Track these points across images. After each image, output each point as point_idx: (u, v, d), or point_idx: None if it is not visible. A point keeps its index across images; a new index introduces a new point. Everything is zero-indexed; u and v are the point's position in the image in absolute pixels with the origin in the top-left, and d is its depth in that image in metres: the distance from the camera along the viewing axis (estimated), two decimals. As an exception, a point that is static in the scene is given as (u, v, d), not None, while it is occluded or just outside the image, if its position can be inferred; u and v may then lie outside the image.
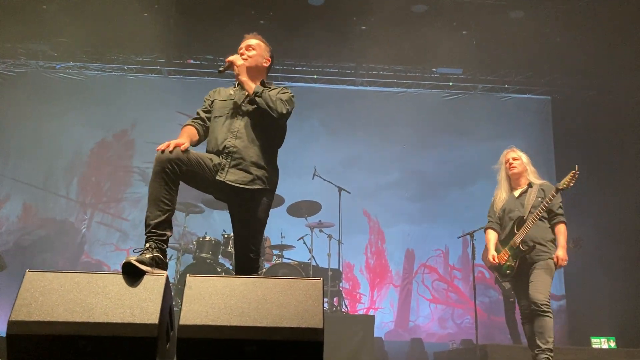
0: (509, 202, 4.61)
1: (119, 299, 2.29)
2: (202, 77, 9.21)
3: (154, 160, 2.78)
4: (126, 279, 2.35)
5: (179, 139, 2.91)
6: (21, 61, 8.96)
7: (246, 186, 3.08)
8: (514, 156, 4.66)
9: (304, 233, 7.28)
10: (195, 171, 2.92)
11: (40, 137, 8.79)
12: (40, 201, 8.66)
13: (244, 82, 3.23)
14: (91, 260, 8.46)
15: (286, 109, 3.20)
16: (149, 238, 2.68)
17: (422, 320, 8.54)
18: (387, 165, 9.13)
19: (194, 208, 7.14)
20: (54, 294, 2.27)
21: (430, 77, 9.36)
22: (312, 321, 2.28)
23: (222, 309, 2.30)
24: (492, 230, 4.71)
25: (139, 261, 2.41)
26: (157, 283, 2.37)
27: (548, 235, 4.40)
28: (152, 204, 2.74)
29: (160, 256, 2.62)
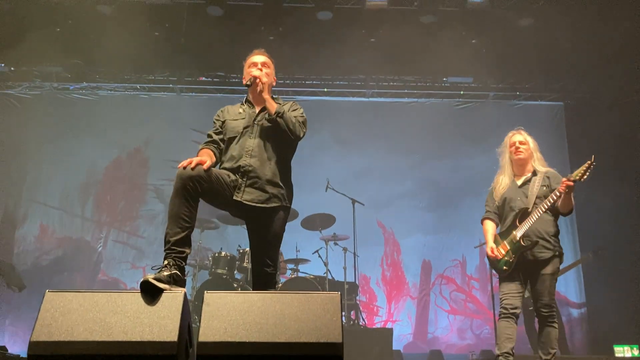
0: (511, 191, 4.23)
1: (137, 317, 2.29)
2: (214, 94, 9.28)
3: (176, 177, 2.80)
4: (144, 297, 2.36)
5: (201, 157, 2.94)
6: (36, 83, 9.10)
7: (263, 205, 3.10)
8: (521, 139, 4.30)
9: (319, 246, 7.27)
10: (216, 189, 2.94)
11: (55, 157, 8.91)
12: (57, 221, 8.75)
13: (267, 99, 3.25)
14: (108, 278, 8.50)
15: (303, 131, 3.26)
16: (167, 255, 2.69)
17: (441, 332, 8.46)
18: (400, 175, 9.11)
19: (208, 224, 7.16)
20: (73, 313, 2.28)
21: (440, 87, 9.35)
22: (331, 335, 2.27)
23: (240, 325, 2.30)
24: (490, 220, 4.33)
25: (156, 279, 2.42)
26: (176, 300, 2.38)
27: (551, 228, 4.06)
28: (172, 220, 2.75)
29: (178, 273, 2.62)
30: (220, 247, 7.09)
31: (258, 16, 7.86)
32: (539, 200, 4.09)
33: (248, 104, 3.47)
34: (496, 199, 4.31)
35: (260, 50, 3.53)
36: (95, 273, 8.54)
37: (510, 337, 3.96)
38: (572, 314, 8.56)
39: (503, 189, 4.27)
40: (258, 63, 3.42)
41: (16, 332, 8.04)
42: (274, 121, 3.19)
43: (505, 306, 4.03)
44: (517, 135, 4.37)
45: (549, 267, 3.99)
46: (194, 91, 9.39)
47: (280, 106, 3.24)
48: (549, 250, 4.01)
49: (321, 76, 9.25)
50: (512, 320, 4.00)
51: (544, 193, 4.10)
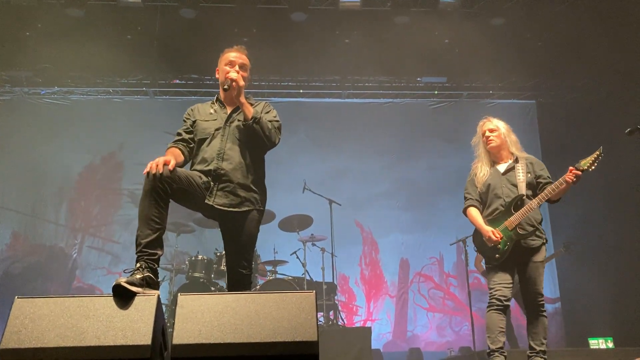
0: (494, 178, 4.15)
1: (110, 321, 2.26)
2: (188, 97, 9.21)
3: (145, 180, 2.76)
4: (117, 301, 2.33)
5: (166, 157, 2.88)
6: (5, 88, 8.93)
7: (235, 209, 3.08)
8: (491, 127, 4.25)
9: (297, 247, 7.25)
10: (186, 189, 2.91)
11: (27, 163, 8.73)
12: (30, 228, 8.59)
13: (243, 104, 3.16)
14: (83, 285, 8.37)
15: (278, 138, 3.24)
16: (139, 258, 2.66)
17: (420, 330, 8.51)
18: (377, 175, 9.15)
19: (185, 227, 7.11)
20: (44, 319, 2.24)
21: (415, 87, 9.43)
22: (306, 334, 2.27)
23: (215, 327, 2.28)
24: (474, 207, 4.20)
25: (129, 282, 2.39)
26: (149, 304, 2.35)
27: (539, 216, 4.03)
28: (142, 223, 2.72)
29: (151, 276, 2.60)
30: (197, 251, 7.02)
31: (231, 18, 7.81)
32: (526, 188, 4.02)
33: (219, 104, 3.42)
34: (478, 186, 4.22)
35: (241, 47, 3.43)
36: (70, 280, 8.40)
37: (503, 330, 3.87)
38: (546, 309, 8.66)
39: (484, 176, 4.18)
40: (236, 63, 3.33)
41: (-11, 343, 7.87)
42: (250, 127, 3.14)
43: (499, 297, 3.90)
44: (487, 123, 4.32)
45: (539, 255, 3.95)
46: (167, 94, 9.32)
47: (256, 111, 3.18)
48: (539, 238, 3.99)
49: (296, 77, 9.23)
50: (503, 313, 3.90)
51: (530, 180, 4.05)
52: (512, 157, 4.20)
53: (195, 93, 9.16)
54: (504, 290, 3.91)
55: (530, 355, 3.88)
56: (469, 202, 4.25)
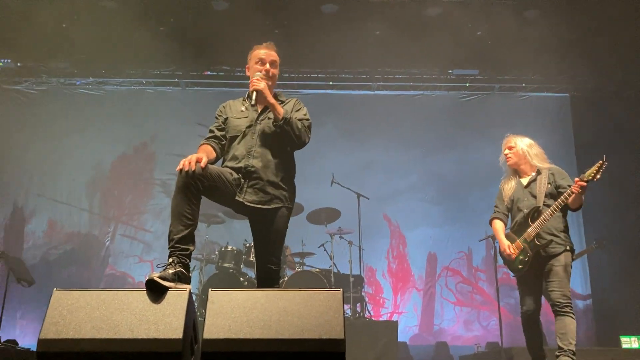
0: (517, 192, 4.36)
1: (143, 315, 2.33)
2: (219, 88, 9.30)
3: (177, 176, 2.82)
4: (150, 295, 2.40)
5: (198, 154, 2.93)
6: (43, 79, 9.16)
7: (264, 206, 3.12)
8: (510, 145, 4.46)
9: (324, 240, 7.30)
10: (217, 186, 2.96)
11: (63, 152, 8.96)
12: (65, 216, 8.82)
13: (272, 105, 3.19)
14: (116, 272, 8.58)
15: (308, 137, 3.26)
16: (172, 253, 2.72)
17: (447, 324, 8.49)
18: (406, 168, 9.12)
19: (215, 218, 7.22)
20: (80, 311, 2.32)
21: (446, 79, 9.33)
22: (333, 332, 2.30)
23: (244, 322, 2.33)
24: (499, 220, 4.45)
25: (161, 277, 2.46)
26: (181, 298, 2.42)
27: (560, 225, 4.16)
28: (175, 219, 2.78)
29: (183, 270, 2.66)
30: (227, 242, 7.14)
31: (263, 10, 7.84)
32: (547, 199, 4.17)
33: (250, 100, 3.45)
34: (505, 200, 4.44)
35: (270, 44, 3.45)
36: (103, 267, 8.62)
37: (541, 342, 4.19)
38: (577, 306, 8.56)
39: (510, 190, 4.41)
40: (267, 61, 3.37)
41: (26, 326, 8.14)
42: (280, 127, 3.17)
43: (525, 311, 4.17)
44: (506, 141, 4.53)
45: (561, 259, 4.05)
46: (199, 85, 9.43)
47: (286, 112, 3.21)
48: (560, 245, 4.10)
49: (326, 69, 9.23)
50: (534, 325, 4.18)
51: (551, 191, 4.20)
52: (534, 169, 4.36)
53: (226, 85, 9.25)
54: (530, 304, 4.17)
55: (559, 354, 3.92)
56: (494, 214, 4.50)
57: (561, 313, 3.96)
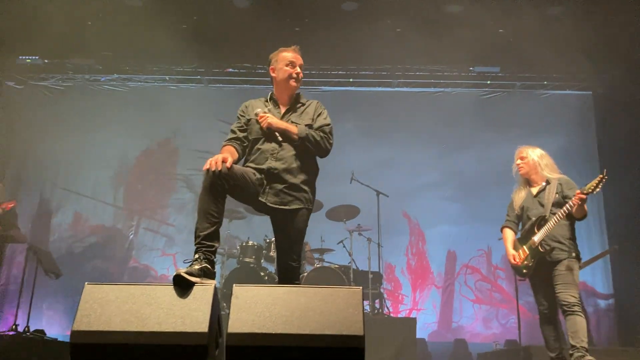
0: (527, 200, 4.55)
1: (170, 309, 2.42)
2: (240, 85, 9.40)
3: (203, 176, 2.92)
4: (177, 290, 2.49)
5: (223, 154, 3.02)
6: (68, 75, 9.35)
7: (285, 207, 3.20)
8: (522, 155, 4.63)
9: (344, 237, 7.37)
10: (241, 186, 3.05)
11: (88, 147, 9.14)
12: (90, 209, 9.01)
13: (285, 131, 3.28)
14: (139, 265, 8.75)
15: (330, 143, 3.35)
16: (198, 249, 2.82)
17: (466, 321, 8.51)
18: (425, 165, 9.12)
19: (237, 214, 7.32)
20: (110, 305, 2.42)
21: (467, 76, 9.30)
22: (353, 328, 2.37)
23: (267, 317, 2.41)
24: (509, 229, 4.67)
25: (188, 273, 2.55)
26: (206, 293, 2.50)
27: (566, 233, 4.32)
28: (201, 216, 2.88)
29: (208, 266, 2.76)
30: (248, 237, 7.25)
31: (284, 7, 7.92)
32: (554, 208, 4.35)
33: (273, 103, 3.52)
34: (515, 208, 4.64)
35: (297, 48, 3.55)
36: (126, 260, 8.80)
37: (555, 336, 4.32)
38: (599, 305, 8.51)
39: (520, 199, 4.61)
40: (297, 64, 3.46)
41: (52, 316, 8.35)
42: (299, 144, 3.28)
43: (542, 311, 4.39)
44: (518, 152, 4.71)
45: (564, 263, 4.22)
46: (221, 82, 9.53)
47: (300, 130, 3.29)
48: (564, 252, 4.27)
49: (346, 66, 9.26)
50: (550, 322, 4.36)
51: (558, 200, 4.37)
52: (544, 179, 4.53)
53: (248, 82, 9.34)
54: (546, 302, 4.37)
55: (572, 352, 4.03)
56: (505, 223, 4.74)
57: (570, 312, 4.08)
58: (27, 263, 6.52)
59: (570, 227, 4.36)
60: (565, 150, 8.93)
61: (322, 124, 3.40)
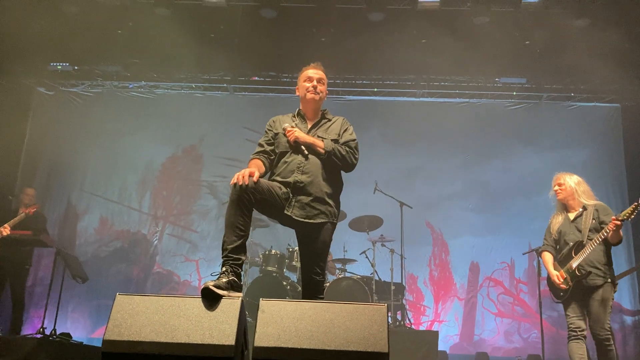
0: (564, 225, 4.71)
1: (198, 321, 2.47)
2: (266, 94, 9.49)
3: (231, 190, 2.96)
4: (205, 303, 2.54)
5: (250, 169, 3.07)
6: (97, 82, 9.53)
7: (311, 220, 3.24)
8: (559, 182, 4.80)
9: (366, 247, 7.37)
10: (267, 200, 3.09)
11: (114, 152, 9.31)
12: (116, 214, 9.16)
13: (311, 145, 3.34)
14: (162, 270, 8.86)
15: (355, 158, 3.42)
16: (225, 262, 2.88)
17: (488, 334, 8.43)
18: (450, 175, 9.08)
19: (260, 222, 7.37)
20: (141, 315, 2.48)
21: (493, 87, 9.25)
22: (378, 345, 2.39)
23: (293, 332, 2.44)
24: (548, 252, 4.84)
25: (216, 286, 2.60)
26: (233, 306, 2.55)
27: (602, 258, 4.46)
28: (228, 229, 2.93)
29: (235, 279, 2.81)
30: (271, 245, 7.30)
31: (310, 18, 7.98)
32: (591, 233, 4.51)
33: (300, 118, 3.57)
34: (552, 233, 4.82)
35: (317, 64, 3.60)
36: (151, 265, 8.91)
37: (583, 356, 4.35)
38: (625, 321, 8.37)
39: (557, 224, 4.79)
40: (314, 78, 3.51)
41: (77, 319, 8.51)
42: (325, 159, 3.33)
43: (574, 329, 4.47)
44: (556, 178, 4.87)
45: (600, 293, 4.37)
46: (247, 90, 9.62)
47: (327, 145, 3.34)
48: (600, 278, 4.40)
49: (371, 76, 9.29)
50: (581, 341, 4.41)
51: (595, 226, 4.53)
52: (581, 205, 4.70)
53: (273, 90, 9.41)
54: (577, 322, 4.47)
55: None
56: (543, 247, 4.91)
57: (601, 346, 4.27)
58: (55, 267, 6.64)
59: (606, 253, 4.49)
60: (592, 162, 8.85)
61: (348, 140, 3.45)
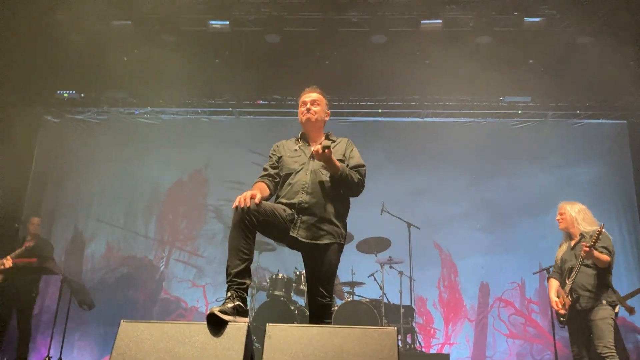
0: (566, 253, 5.01)
1: (204, 348, 2.42)
2: (271, 117, 9.51)
3: (233, 213, 2.93)
4: (210, 329, 2.50)
5: (252, 191, 3.05)
6: (104, 108, 9.59)
7: (316, 242, 3.20)
8: (561, 212, 5.09)
9: (374, 269, 7.30)
10: (271, 222, 3.06)
11: (121, 178, 9.31)
12: (122, 240, 9.13)
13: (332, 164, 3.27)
14: (170, 296, 8.78)
15: (363, 186, 3.43)
16: (230, 287, 2.83)
17: (500, 356, 8.28)
18: (457, 195, 9.00)
19: (266, 246, 7.33)
20: (145, 343, 2.43)
21: (497, 106, 9.24)
22: (388, 370, 2.33)
23: (300, 358, 2.40)
24: (553, 279, 5.12)
25: (222, 311, 2.55)
26: (240, 332, 2.50)
27: (593, 281, 4.67)
28: (232, 253, 2.89)
29: (241, 304, 2.76)
30: (278, 269, 7.24)
31: (314, 42, 8.05)
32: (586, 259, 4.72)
33: (303, 141, 3.57)
34: (557, 261, 5.15)
35: (312, 87, 3.61)
36: (157, 291, 8.84)
37: None
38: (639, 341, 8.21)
39: (561, 252, 5.11)
40: (307, 102, 3.52)
41: (84, 347, 8.42)
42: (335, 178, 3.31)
43: (574, 355, 4.79)
44: (559, 207, 5.16)
45: (597, 314, 4.58)
46: (252, 114, 9.65)
47: (342, 167, 3.31)
48: (592, 300, 4.64)
49: (375, 97, 9.30)
50: None
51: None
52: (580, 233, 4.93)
53: (278, 113, 9.43)
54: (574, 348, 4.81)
55: None
56: (550, 274, 5.24)
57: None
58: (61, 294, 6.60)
59: (598, 276, 4.67)
60: (600, 180, 8.80)
61: (357, 165, 3.44)
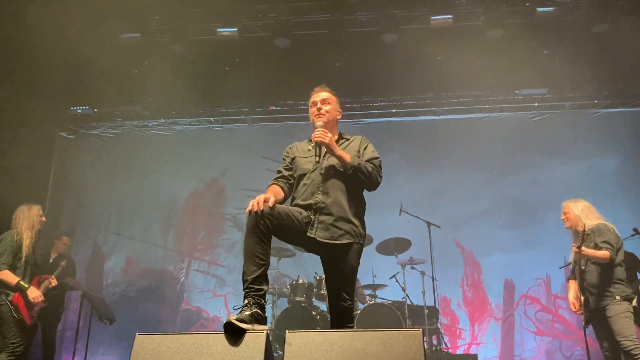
0: (576, 253, 4.90)
1: (222, 358, 2.34)
2: (284, 122, 9.45)
3: (247, 218, 2.86)
4: (228, 338, 2.41)
5: (266, 194, 2.97)
6: (118, 123, 9.62)
7: (336, 242, 3.10)
8: (565, 211, 5.06)
9: (396, 271, 7.19)
10: (287, 225, 2.97)
11: (138, 192, 9.33)
12: (141, 253, 9.12)
13: (339, 156, 3.17)
14: (191, 307, 8.75)
15: (380, 176, 3.29)
16: (247, 294, 2.74)
17: (529, 354, 8.09)
18: (476, 193, 8.86)
19: (285, 252, 7.26)
20: (162, 355, 2.36)
21: (513, 100, 9.07)
22: (414, 374, 2.23)
23: (322, 365, 2.29)
24: (572, 279, 5.13)
25: (239, 320, 2.47)
26: (258, 340, 2.41)
27: (598, 278, 4.69)
28: (247, 259, 2.80)
29: (259, 311, 2.66)
30: (298, 275, 7.16)
31: (324, 43, 7.98)
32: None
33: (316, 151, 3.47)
34: (571, 261, 5.13)
35: (321, 86, 3.51)
36: (178, 302, 8.81)
37: None
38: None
39: (573, 252, 4.99)
40: (318, 102, 3.41)
41: (108, 362, 8.42)
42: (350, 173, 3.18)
43: (605, 352, 4.76)
44: (563, 206, 5.12)
45: (611, 310, 4.57)
46: (264, 121, 9.60)
47: (353, 158, 3.19)
48: (602, 298, 4.64)
49: (389, 97, 9.19)
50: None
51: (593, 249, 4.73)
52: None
53: (291, 118, 9.37)
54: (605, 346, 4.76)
55: None
56: (569, 275, 5.24)
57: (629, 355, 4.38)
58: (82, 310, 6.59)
59: (602, 273, 4.66)
60: (623, 169, 8.61)
61: (371, 157, 3.32)
